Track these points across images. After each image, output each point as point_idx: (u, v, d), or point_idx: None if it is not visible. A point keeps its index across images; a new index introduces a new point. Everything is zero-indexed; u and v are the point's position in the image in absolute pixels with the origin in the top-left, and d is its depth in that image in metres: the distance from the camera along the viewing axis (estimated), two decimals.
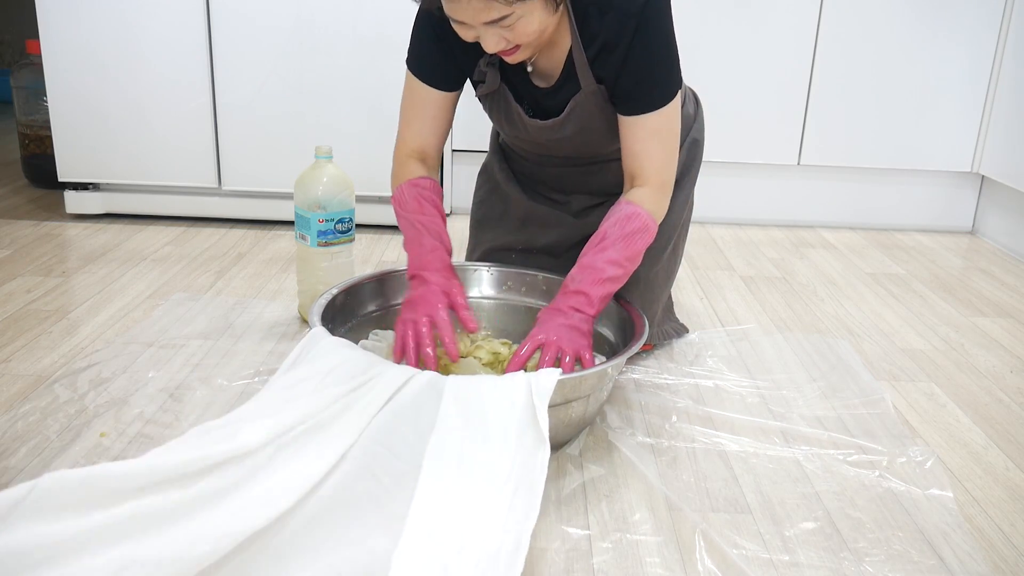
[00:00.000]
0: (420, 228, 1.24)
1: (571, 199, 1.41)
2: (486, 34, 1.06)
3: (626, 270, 1.18)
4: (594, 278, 1.16)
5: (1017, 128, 2.13)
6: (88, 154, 2.04)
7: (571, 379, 1.03)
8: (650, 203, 1.19)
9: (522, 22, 1.04)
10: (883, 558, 0.93)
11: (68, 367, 1.30)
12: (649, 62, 1.14)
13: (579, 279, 1.16)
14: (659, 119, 1.17)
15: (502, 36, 1.06)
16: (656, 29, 1.12)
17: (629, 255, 1.17)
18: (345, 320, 1.29)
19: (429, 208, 1.25)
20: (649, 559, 0.91)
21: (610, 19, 1.12)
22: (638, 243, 1.17)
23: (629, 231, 1.16)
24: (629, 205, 1.18)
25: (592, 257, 1.17)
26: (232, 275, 1.75)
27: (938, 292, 1.84)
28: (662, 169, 1.20)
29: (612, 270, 1.16)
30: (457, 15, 1.04)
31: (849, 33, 2.17)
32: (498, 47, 1.08)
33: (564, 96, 1.22)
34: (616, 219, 1.18)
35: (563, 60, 1.19)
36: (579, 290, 1.16)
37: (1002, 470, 1.13)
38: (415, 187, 1.26)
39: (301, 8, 1.94)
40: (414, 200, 1.25)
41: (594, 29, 1.14)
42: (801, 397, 1.31)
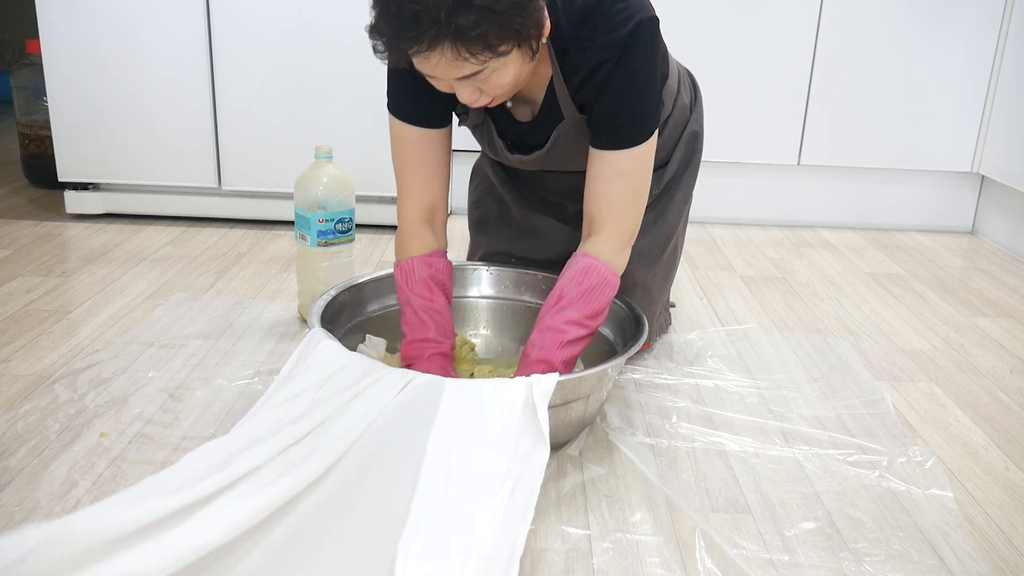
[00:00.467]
0: (427, 320, 1.18)
1: (565, 202, 1.40)
2: (459, 88, 1.02)
3: (589, 328, 1.12)
4: (555, 342, 1.09)
5: (1017, 128, 2.13)
6: (88, 154, 2.04)
7: (571, 380, 1.03)
8: (608, 254, 1.13)
9: (496, 75, 1.00)
10: (883, 558, 0.93)
11: (68, 367, 1.30)
12: (626, 97, 1.09)
13: (540, 346, 1.10)
14: (629, 160, 1.11)
15: (476, 88, 1.02)
16: (637, 65, 1.07)
17: (590, 312, 1.11)
18: (345, 320, 1.29)
19: (437, 293, 1.20)
20: (649, 559, 0.91)
21: (591, 54, 1.08)
22: (598, 299, 1.12)
23: (587, 287, 1.11)
24: (585, 258, 1.13)
25: (551, 319, 1.11)
26: (232, 275, 1.75)
27: (938, 292, 1.84)
28: (624, 215, 1.14)
29: (574, 331, 1.10)
30: (427, 71, 1.00)
31: (849, 33, 2.18)
32: (471, 99, 1.04)
33: (547, 128, 1.18)
34: (572, 274, 1.12)
35: (544, 90, 1.15)
36: (541, 359, 1.09)
37: (1002, 470, 1.13)
38: (427, 267, 1.21)
39: (301, 8, 1.95)
40: (422, 283, 1.20)
41: (576, 61, 1.09)
42: (801, 397, 1.31)
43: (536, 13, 0.99)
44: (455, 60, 0.96)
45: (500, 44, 0.96)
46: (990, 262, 2.09)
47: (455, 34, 0.93)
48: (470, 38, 0.94)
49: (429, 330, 1.18)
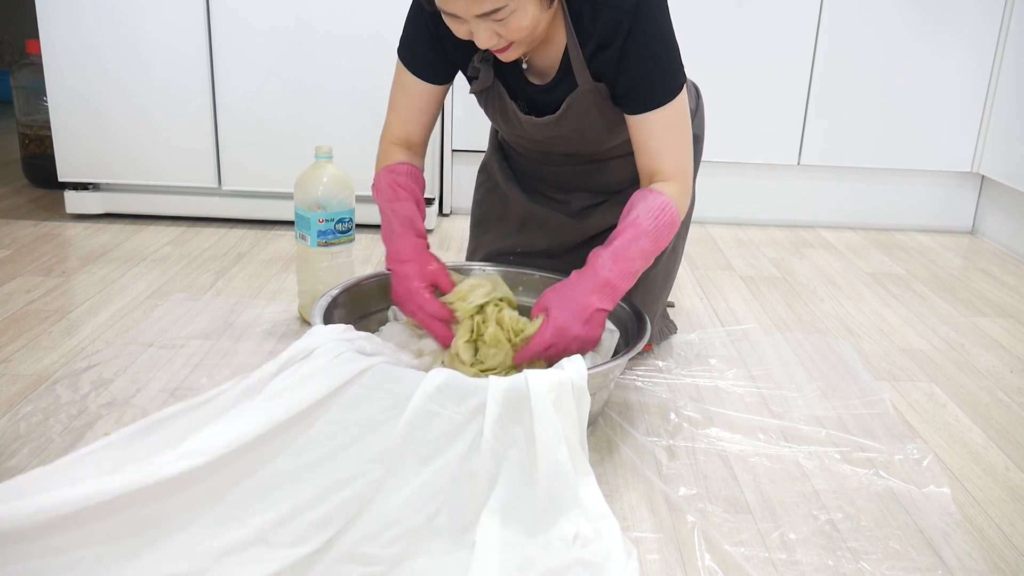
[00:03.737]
0: (390, 216, 1.24)
1: (571, 198, 1.40)
2: (478, 28, 1.04)
3: (651, 262, 1.15)
4: (625, 271, 1.11)
5: (1017, 128, 2.13)
6: (88, 154, 2.04)
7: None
8: (677, 198, 1.16)
9: (515, 16, 1.03)
10: (882, 556, 0.93)
11: (68, 367, 1.30)
12: (648, 59, 1.12)
13: (610, 268, 1.11)
14: (669, 114, 1.14)
15: (494, 31, 1.05)
16: (651, 25, 1.10)
17: (657, 248, 1.14)
18: (345, 320, 1.29)
19: (402, 193, 1.24)
20: (649, 557, 0.92)
21: (603, 18, 1.10)
22: (665, 238, 1.14)
23: (661, 224, 1.12)
24: (660, 196, 1.13)
25: (625, 243, 1.12)
26: (232, 275, 1.75)
27: (938, 292, 1.85)
28: (680, 164, 1.17)
29: (640, 263, 1.12)
30: (449, 7, 1.03)
31: (849, 33, 2.18)
32: (490, 43, 1.07)
33: (560, 93, 1.20)
34: (649, 207, 1.12)
35: (559, 58, 1.18)
36: (609, 282, 1.11)
37: (1002, 470, 1.13)
38: (391, 173, 1.25)
39: (301, 8, 1.95)
40: (388, 187, 1.25)
41: (588, 27, 1.12)
42: (801, 397, 1.31)
43: None
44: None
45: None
46: (990, 262, 2.09)
47: None
48: None
49: (394, 224, 1.23)
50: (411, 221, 1.23)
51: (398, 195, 1.24)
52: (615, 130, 1.24)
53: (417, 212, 1.25)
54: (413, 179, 1.27)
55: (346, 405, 0.97)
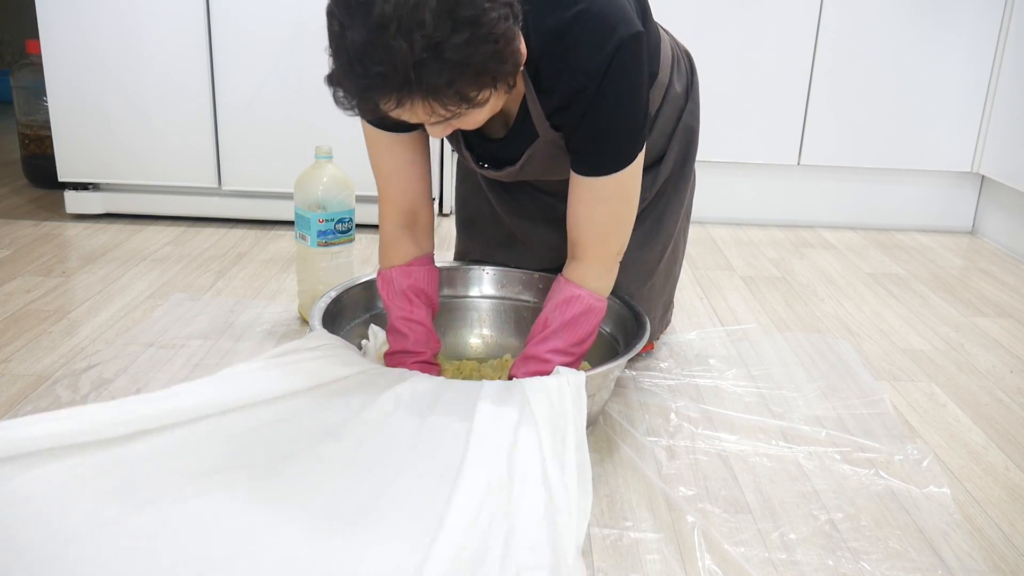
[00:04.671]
0: (406, 332, 1.17)
1: (555, 200, 1.33)
2: (431, 128, 0.97)
3: (575, 355, 1.12)
4: (540, 372, 1.09)
5: (1017, 128, 2.13)
6: (88, 154, 2.04)
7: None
8: (592, 280, 1.12)
9: (471, 115, 0.93)
10: (882, 556, 0.93)
11: (69, 367, 1.30)
12: (604, 129, 1.02)
13: (525, 375, 1.10)
14: (612, 185, 1.06)
15: (449, 125, 0.95)
16: (618, 90, 0.99)
17: (575, 340, 1.11)
18: (345, 320, 1.29)
19: (417, 303, 1.18)
20: (649, 557, 0.92)
21: (567, 79, 0.99)
22: (583, 327, 1.11)
23: (571, 317, 1.10)
24: (568, 286, 1.11)
25: (535, 348, 1.11)
26: (232, 275, 1.75)
27: (938, 292, 1.85)
28: (607, 240, 1.11)
29: (558, 359, 1.10)
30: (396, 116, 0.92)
31: (849, 33, 2.18)
32: (446, 134, 0.99)
33: (519, 145, 1.12)
34: (556, 303, 1.11)
35: (515, 110, 1.08)
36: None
37: (1002, 470, 1.13)
38: (406, 276, 1.18)
39: (301, 8, 1.95)
40: (402, 296, 1.18)
41: (548, 84, 1.02)
42: (801, 397, 1.31)
43: (514, 55, 0.91)
44: (429, 113, 0.89)
45: (477, 94, 0.89)
46: (990, 262, 2.09)
47: (428, 92, 0.85)
48: (444, 94, 0.86)
49: (407, 341, 1.17)
50: (427, 341, 1.18)
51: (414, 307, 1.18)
52: None
53: (432, 328, 1.20)
54: (428, 282, 1.20)
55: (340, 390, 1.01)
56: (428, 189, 1.20)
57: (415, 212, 1.19)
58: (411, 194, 1.17)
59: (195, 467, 0.88)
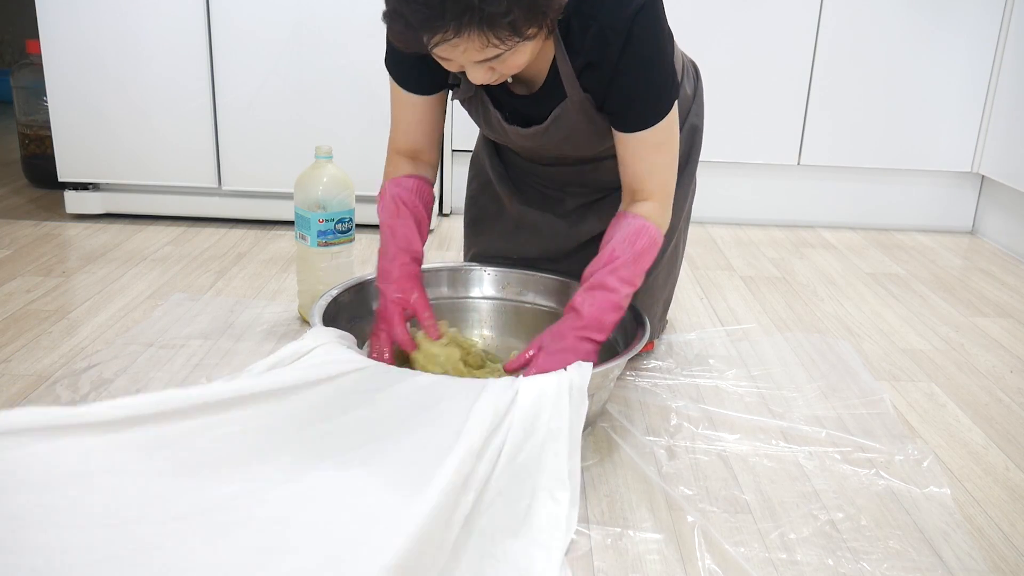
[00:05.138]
0: (388, 234, 1.21)
1: (565, 195, 1.38)
2: (473, 69, 1.00)
3: (635, 289, 1.14)
4: (606, 303, 1.11)
5: (1017, 128, 2.13)
6: (88, 154, 2.04)
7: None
8: (657, 216, 1.15)
9: (514, 56, 0.99)
10: (882, 556, 0.93)
11: (68, 367, 1.30)
12: (641, 80, 1.08)
13: (592, 302, 1.11)
14: (657, 134, 1.12)
15: (490, 68, 1.00)
16: (645, 45, 1.06)
17: (640, 272, 1.14)
18: (345, 320, 1.29)
19: (404, 211, 1.21)
20: (649, 557, 0.92)
21: (593, 34, 1.05)
22: (647, 259, 1.14)
23: (639, 249, 1.12)
24: (636, 219, 1.13)
25: (602, 277, 1.12)
26: (232, 275, 1.75)
27: (938, 292, 1.85)
28: (665, 183, 1.16)
29: (624, 290, 1.12)
30: (446, 55, 0.97)
31: (849, 33, 2.18)
32: (485, 80, 1.02)
33: (547, 105, 1.16)
34: (624, 236, 1.13)
35: (545, 70, 1.14)
36: (594, 316, 1.11)
37: (1002, 470, 1.13)
38: (396, 187, 1.23)
39: (301, 8, 1.95)
40: (391, 202, 1.22)
41: (577, 43, 1.08)
42: (801, 397, 1.31)
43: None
44: (482, 47, 0.94)
45: (528, 28, 0.95)
46: (990, 262, 2.09)
47: (486, 21, 0.91)
48: (500, 24, 0.92)
49: (389, 244, 1.21)
50: (408, 242, 1.20)
51: (399, 212, 1.21)
52: (605, 137, 1.20)
53: (416, 233, 1.22)
54: (418, 195, 1.23)
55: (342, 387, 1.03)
56: (435, 139, 1.27)
57: (417, 151, 1.26)
58: (418, 141, 1.25)
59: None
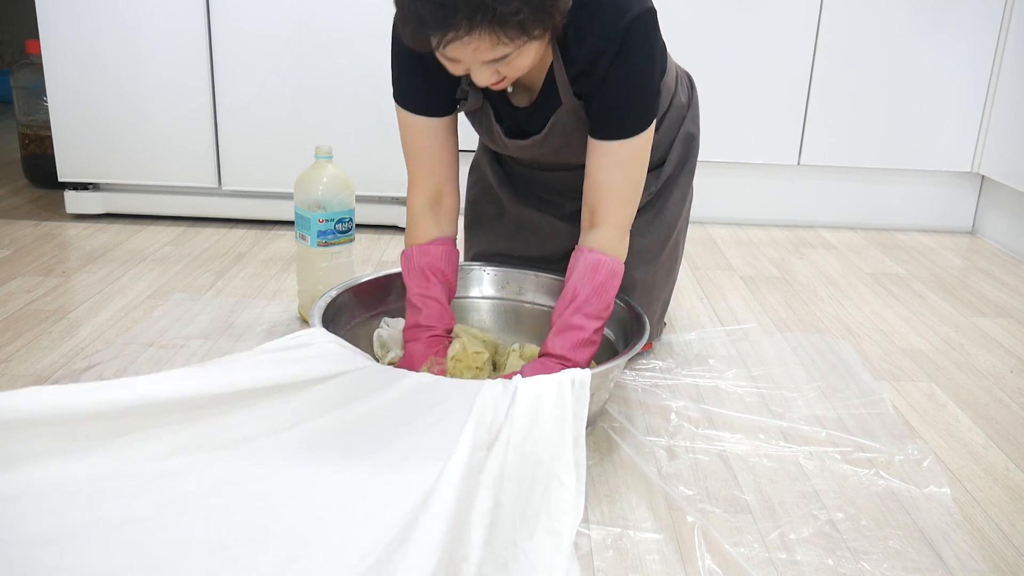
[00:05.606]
0: (420, 306, 1.22)
1: (564, 200, 1.40)
2: (479, 70, 1.02)
3: (603, 321, 1.16)
4: (575, 340, 1.13)
5: (1017, 128, 2.13)
6: (88, 154, 2.04)
7: None
8: (611, 245, 1.16)
9: (520, 57, 1.01)
10: (882, 556, 0.93)
11: (68, 367, 1.30)
12: (625, 89, 1.10)
13: (560, 344, 1.13)
14: (628, 149, 1.13)
15: (496, 71, 1.03)
16: (637, 56, 1.08)
17: (604, 305, 1.15)
18: (345, 320, 1.29)
19: (433, 281, 1.22)
20: (649, 557, 0.92)
21: (589, 43, 1.08)
22: (609, 292, 1.15)
23: (598, 284, 1.14)
24: (592, 254, 1.15)
25: (568, 318, 1.14)
26: (232, 275, 1.75)
27: (938, 292, 1.85)
28: (623, 206, 1.16)
29: (591, 326, 1.14)
30: (455, 55, 0.99)
31: (849, 33, 2.18)
32: (490, 81, 1.04)
33: (544, 114, 1.19)
34: (583, 272, 1.15)
35: (542, 77, 1.16)
36: (563, 356, 1.13)
37: (1002, 470, 1.13)
38: (424, 255, 1.22)
39: (301, 8, 1.95)
40: (419, 272, 1.22)
41: (573, 52, 1.10)
42: (801, 397, 1.31)
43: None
44: (492, 45, 0.96)
45: (535, 28, 0.98)
46: (990, 262, 2.09)
47: (497, 20, 0.94)
48: (510, 23, 0.95)
49: (420, 315, 1.21)
50: (440, 317, 1.22)
51: (429, 284, 1.22)
52: None
53: (447, 306, 1.24)
54: (447, 261, 1.24)
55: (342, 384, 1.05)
56: (455, 175, 1.27)
57: (440, 194, 1.25)
58: (437, 176, 1.24)
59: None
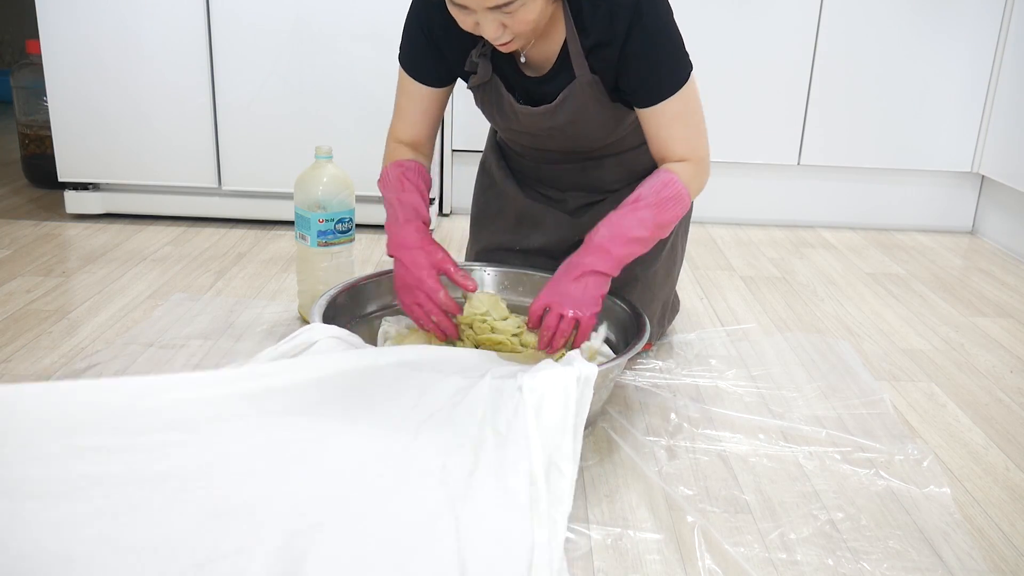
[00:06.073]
0: (396, 205, 1.24)
1: (567, 196, 1.41)
2: (486, 20, 1.06)
3: (653, 235, 1.15)
4: (620, 236, 1.13)
5: (1017, 128, 2.13)
6: (88, 154, 2.04)
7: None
8: (686, 175, 1.17)
9: (524, 9, 1.04)
10: (882, 556, 0.93)
11: (68, 367, 1.30)
12: (652, 55, 1.13)
13: (603, 234, 1.13)
14: (677, 103, 1.16)
15: (501, 23, 1.06)
16: (652, 20, 1.11)
17: (660, 221, 1.14)
18: (345, 320, 1.29)
19: (408, 185, 1.25)
20: (649, 557, 0.91)
21: (603, 13, 1.11)
22: (670, 211, 1.15)
23: (664, 196, 1.14)
24: (666, 172, 1.16)
25: (622, 214, 1.14)
26: (232, 275, 1.75)
27: (938, 292, 1.85)
28: (694, 148, 1.19)
29: (639, 231, 1.13)
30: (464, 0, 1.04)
31: (849, 33, 2.18)
32: (496, 34, 1.08)
33: (557, 85, 1.21)
34: (652, 184, 1.15)
35: (556, 51, 1.19)
36: (601, 246, 1.13)
37: (1002, 470, 1.13)
38: (399, 167, 1.27)
39: (301, 8, 1.95)
40: (396, 180, 1.26)
41: (587, 23, 1.13)
42: (801, 397, 1.31)
43: None
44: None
45: None
46: (990, 262, 2.09)
47: None
48: None
49: (399, 213, 1.23)
50: (416, 211, 1.24)
51: (404, 187, 1.25)
52: (610, 125, 1.25)
53: (423, 203, 1.26)
54: (420, 175, 1.28)
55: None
56: (433, 133, 1.33)
57: (418, 142, 1.32)
58: (418, 131, 1.31)
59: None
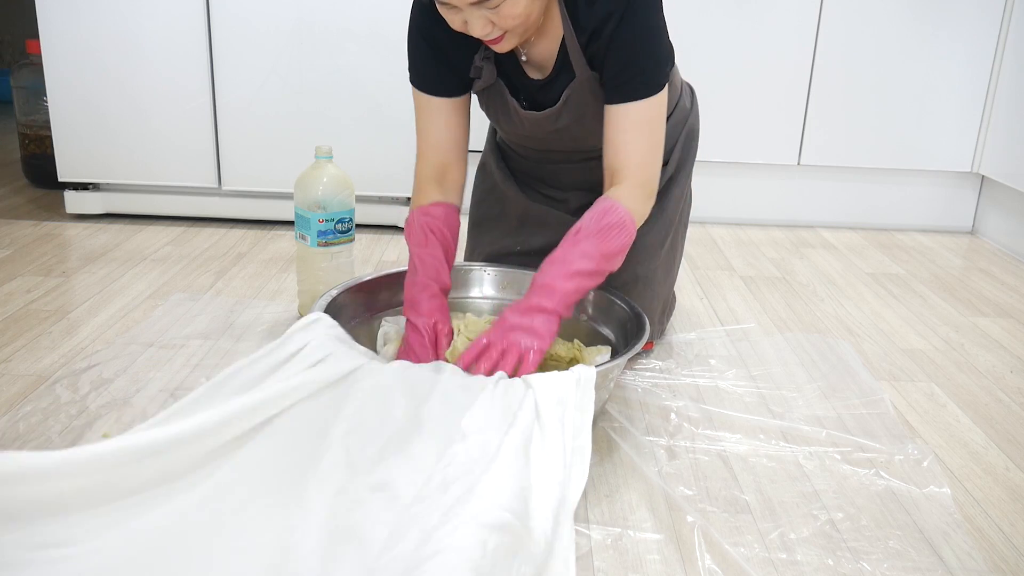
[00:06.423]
0: (416, 263, 1.22)
1: (569, 196, 1.41)
2: (472, 17, 1.07)
3: (599, 266, 1.11)
4: (562, 271, 1.10)
5: (1017, 128, 2.13)
6: (88, 154, 2.04)
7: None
8: (629, 200, 1.14)
9: (508, 4, 1.05)
10: (882, 556, 0.93)
11: (68, 367, 1.30)
12: (633, 50, 1.13)
13: (547, 271, 1.11)
14: (644, 109, 1.15)
15: (488, 19, 1.07)
16: (642, 16, 1.12)
17: (604, 251, 1.11)
18: (345, 320, 1.29)
19: (433, 240, 1.22)
20: (649, 557, 0.92)
21: (598, 7, 1.12)
22: (614, 239, 1.12)
23: (604, 225, 1.11)
24: (606, 200, 1.14)
25: (565, 249, 1.12)
26: (232, 275, 1.76)
27: (938, 292, 1.85)
28: (643, 165, 1.16)
29: (583, 263, 1.10)
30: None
31: (849, 33, 2.18)
32: (484, 31, 1.08)
33: (559, 87, 1.21)
34: (592, 213, 1.14)
35: (556, 51, 1.19)
36: (545, 284, 1.10)
37: (1002, 470, 1.13)
38: (424, 216, 1.24)
39: (301, 8, 1.95)
40: (420, 231, 1.23)
41: (584, 18, 1.14)
42: (801, 397, 1.31)
43: None
44: None
45: None
46: (990, 262, 2.09)
47: None
48: None
49: (418, 274, 1.21)
50: (436, 273, 1.21)
51: (428, 241, 1.22)
52: None
53: (444, 263, 1.23)
54: (446, 223, 1.25)
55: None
56: (462, 154, 1.30)
57: (445, 167, 1.28)
58: (444, 151, 1.27)
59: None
